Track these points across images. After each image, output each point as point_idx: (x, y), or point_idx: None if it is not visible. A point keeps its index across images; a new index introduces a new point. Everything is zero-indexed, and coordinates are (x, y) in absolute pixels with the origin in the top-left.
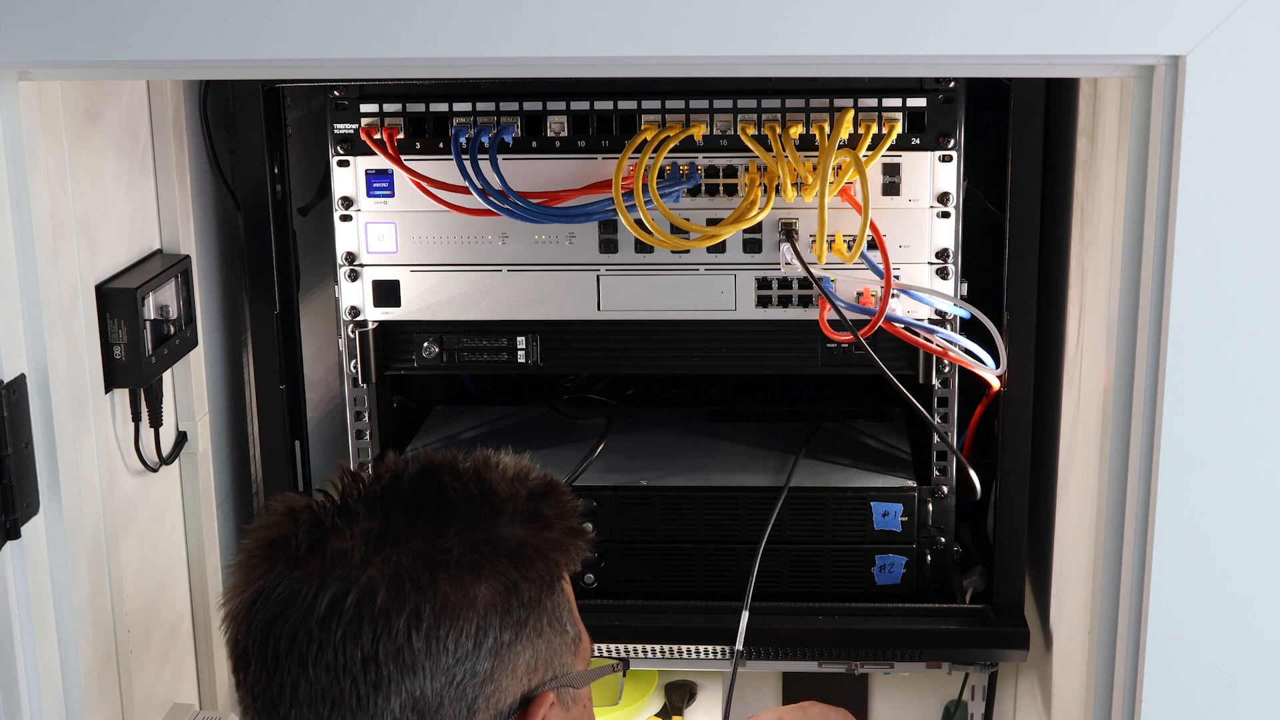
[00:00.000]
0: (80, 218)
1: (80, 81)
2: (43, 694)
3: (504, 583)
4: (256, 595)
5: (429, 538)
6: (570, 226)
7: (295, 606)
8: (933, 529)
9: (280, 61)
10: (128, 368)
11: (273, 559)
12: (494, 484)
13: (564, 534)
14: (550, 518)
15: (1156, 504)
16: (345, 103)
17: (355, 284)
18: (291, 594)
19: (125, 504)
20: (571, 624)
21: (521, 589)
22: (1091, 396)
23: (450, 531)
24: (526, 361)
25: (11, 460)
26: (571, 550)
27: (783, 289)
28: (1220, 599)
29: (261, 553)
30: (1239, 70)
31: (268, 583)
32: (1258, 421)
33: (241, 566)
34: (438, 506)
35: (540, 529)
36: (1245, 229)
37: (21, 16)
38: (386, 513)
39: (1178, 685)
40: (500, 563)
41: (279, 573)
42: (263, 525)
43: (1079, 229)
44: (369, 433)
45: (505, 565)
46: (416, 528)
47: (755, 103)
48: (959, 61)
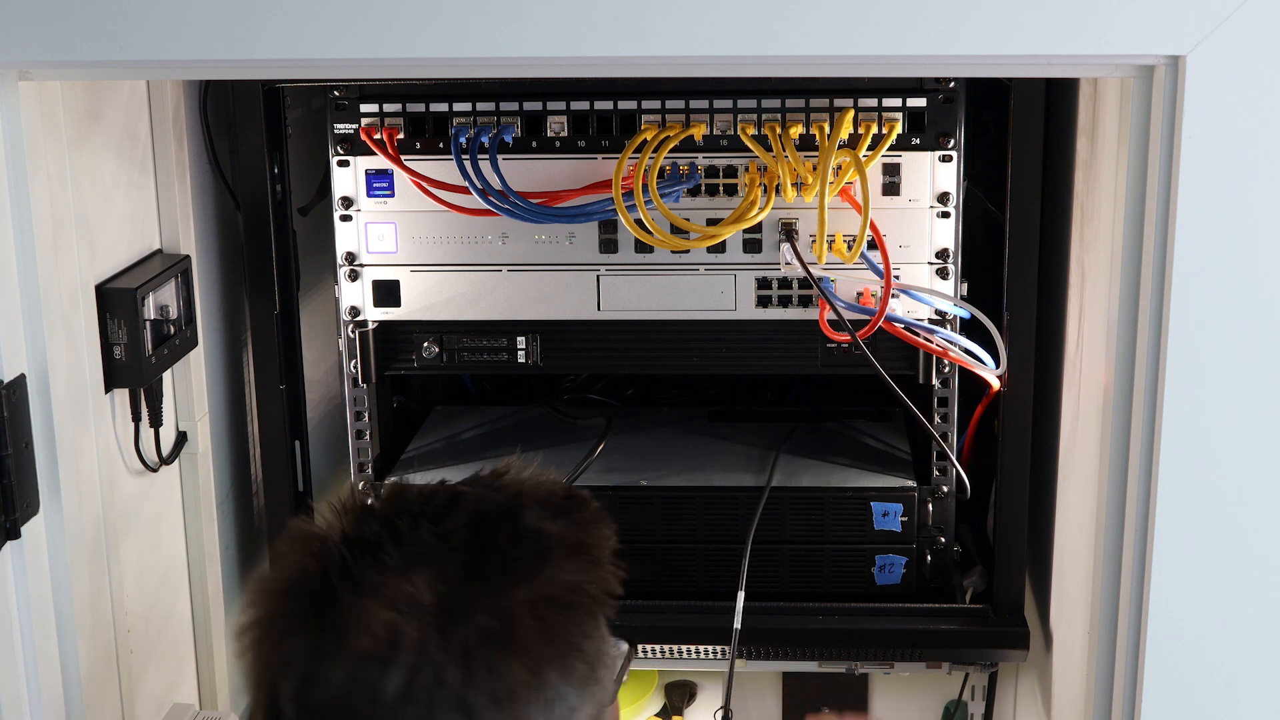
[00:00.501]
0: (80, 218)
1: (80, 81)
2: (43, 694)
3: (570, 648)
4: (303, 680)
5: (490, 608)
6: (570, 226)
7: (356, 694)
8: (933, 529)
9: (280, 61)
10: (128, 368)
11: (303, 621)
12: (536, 525)
13: (609, 565)
14: (592, 547)
15: (1156, 504)
16: (345, 103)
17: (355, 284)
18: (349, 680)
19: (125, 504)
20: (611, 644)
21: (585, 649)
22: (1091, 396)
23: (508, 590)
24: (526, 361)
25: (11, 460)
26: (616, 578)
27: (783, 289)
28: (1220, 599)
29: (290, 611)
30: (1239, 70)
31: (310, 663)
32: (1258, 421)
33: (267, 622)
34: (484, 555)
35: (589, 565)
36: (1245, 229)
37: (21, 16)
38: (432, 567)
39: (1178, 685)
40: (566, 627)
41: (320, 646)
42: (285, 573)
43: (1079, 229)
44: (369, 433)
45: (571, 628)
46: (475, 596)
47: (755, 103)
48: (959, 61)
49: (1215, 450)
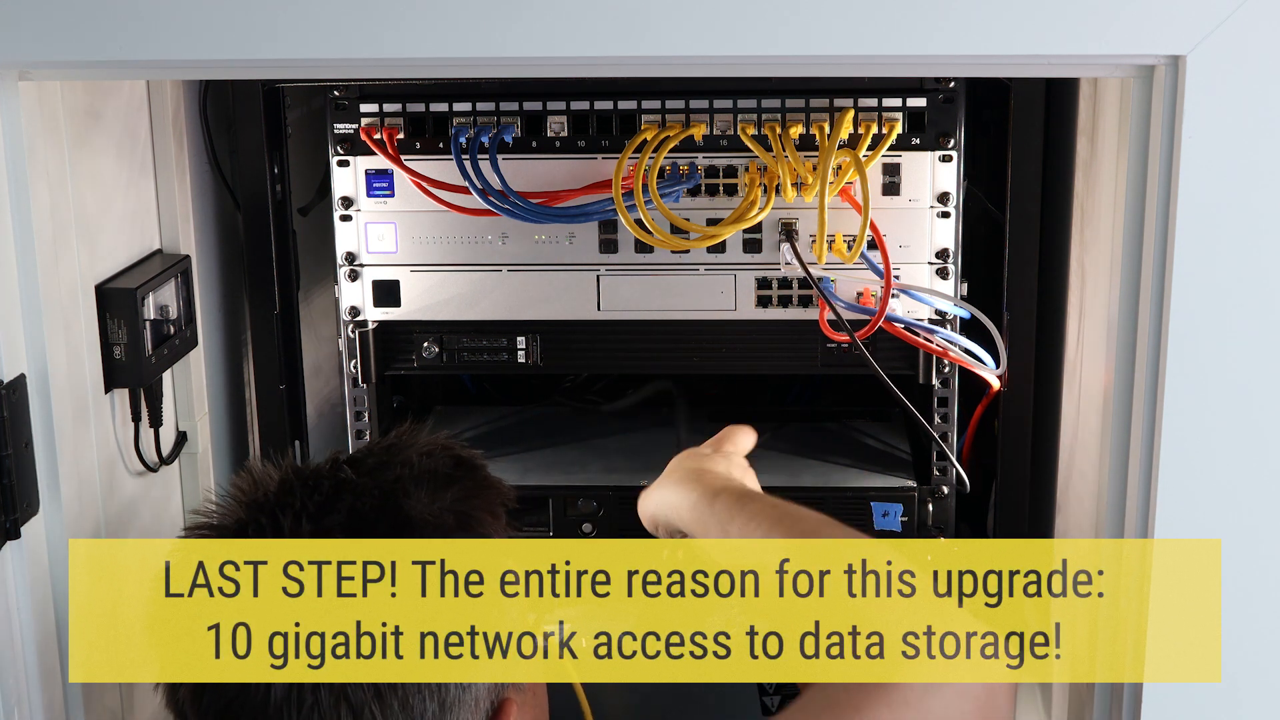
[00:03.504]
0: (80, 218)
1: (80, 81)
2: (43, 694)
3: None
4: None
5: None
6: (570, 226)
7: (246, 695)
8: (933, 529)
9: (280, 61)
10: (128, 368)
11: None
12: (418, 514)
13: (501, 533)
14: (478, 520)
15: (1156, 504)
16: (345, 103)
17: (355, 284)
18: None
19: (125, 504)
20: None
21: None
22: (1091, 396)
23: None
24: (526, 361)
25: (11, 460)
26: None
27: (783, 289)
28: (1220, 598)
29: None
30: (1239, 70)
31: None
32: (1258, 421)
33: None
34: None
35: (478, 539)
36: (1245, 229)
37: (21, 16)
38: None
39: (1179, 685)
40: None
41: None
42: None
43: (1079, 229)
44: (369, 433)
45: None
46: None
47: (755, 103)
48: (959, 61)
49: (1215, 450)
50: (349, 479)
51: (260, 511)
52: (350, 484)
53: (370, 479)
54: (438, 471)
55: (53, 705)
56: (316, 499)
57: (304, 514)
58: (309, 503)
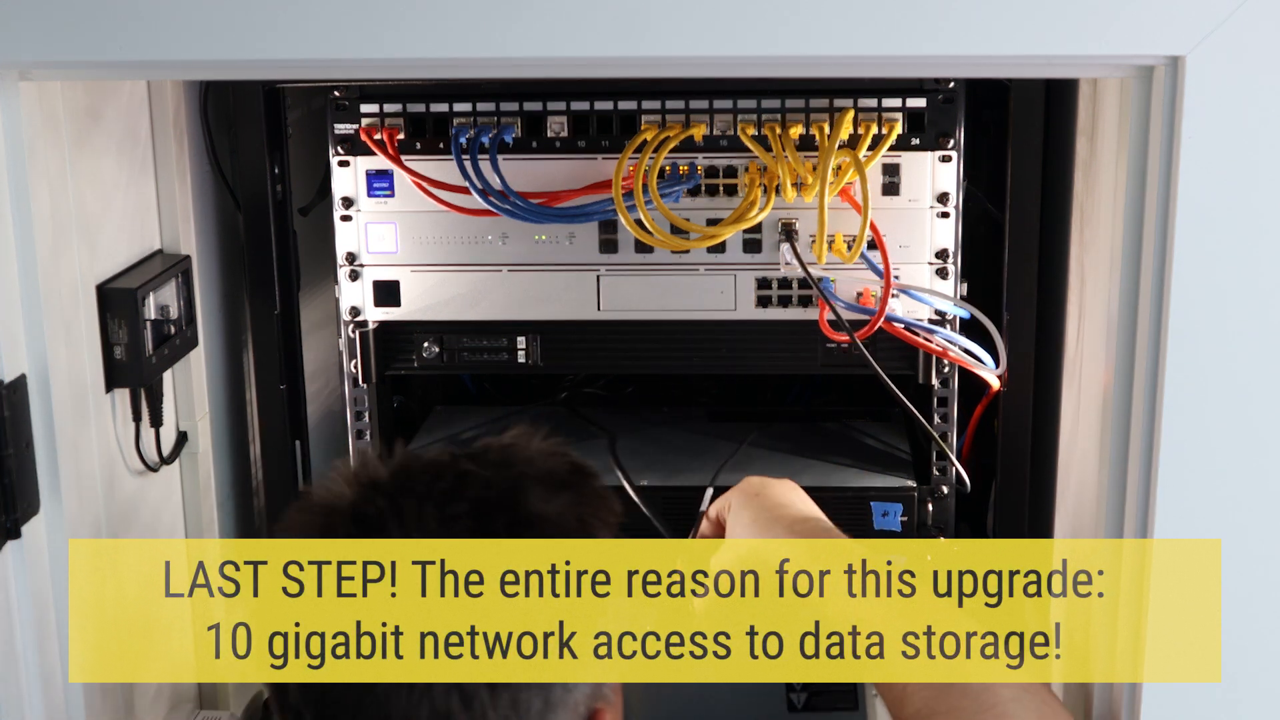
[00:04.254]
0: (80, 218)
1: (80, 81)
2: (43, 694)
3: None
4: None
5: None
6: (570, 226)
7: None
8: (933, 529)
9: (280, 61)
10: (128, 368)
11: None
12: (538, 510)
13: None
14: (594, 525)
15: (1156, 505)
16: (345, 103)
17: (355, 284)
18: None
19: (125, 504)
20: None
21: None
22: (1091, 396)
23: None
24: (526, 361)
25: (12, 460)
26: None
27: (783, 289)
28: (1220, 598)
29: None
30: (1239, 70)
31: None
32: (1258, 421)
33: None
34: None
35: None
36: (1245, 229)
37: (21, 16)
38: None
39: (1178, 685)
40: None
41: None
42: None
43: (1079, 229)
44: (369, 433)
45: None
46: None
47: (755, 103)
48: (959, 61)
49: (1215, 450)
50: (473, 471)
51: (377, 492)
52: (474, 476)
53: (494, 472)
54: (556, 474)
55: (53, 705)
56: (441, 486)
57: (428, 499)
58: (433, 489)
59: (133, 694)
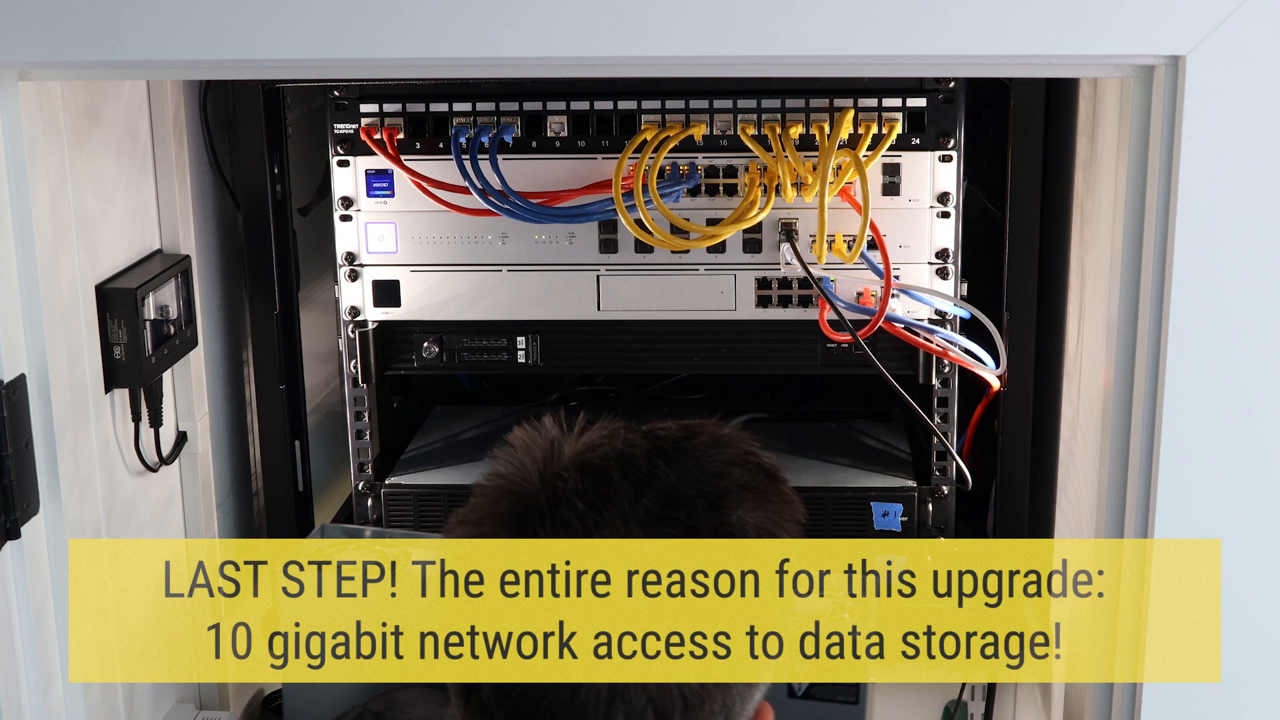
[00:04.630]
0: (80, 218)
1: (80, 81)
2: (43, 694)
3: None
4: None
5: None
6: (570, 226)
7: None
8: (933, 529)
9: (280, 61)
10: (128, 368)
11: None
12: (738, 521)
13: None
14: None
15: (1156, 504)
16: (345, 103)
17: (355, 284)
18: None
19: (125, 504)
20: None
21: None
22: (1091, 396)
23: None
24: (526, 361)
25: (11, 460)
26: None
27: (783, 289)
28: (1220, 598)
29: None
30: (1239, 70)
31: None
32: (1258, 421)
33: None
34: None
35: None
36: (1245, 229)
37: (21, 16)
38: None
39: (1178, 685)
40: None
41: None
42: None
43: (1079, 229)
44: (369, 433)
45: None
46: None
47: (755, 103)
48: (959, 61)
49: (1215, 450)
50: (664, 474)
51: (559, 481)
52: (664, 479)
53: (692, 489)
54: (752, 484)
55: (52, 705)
56: (635, 473)
57: (630, 512)
58: (628, 474)
59: (133, 694)
